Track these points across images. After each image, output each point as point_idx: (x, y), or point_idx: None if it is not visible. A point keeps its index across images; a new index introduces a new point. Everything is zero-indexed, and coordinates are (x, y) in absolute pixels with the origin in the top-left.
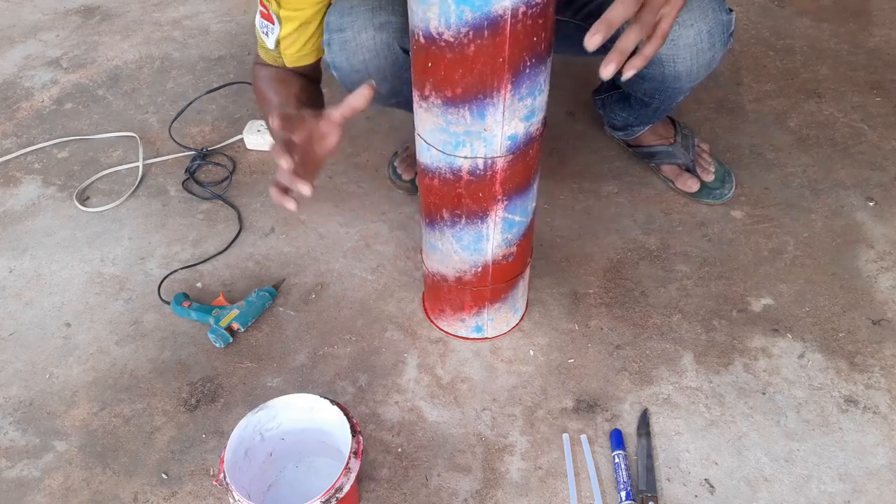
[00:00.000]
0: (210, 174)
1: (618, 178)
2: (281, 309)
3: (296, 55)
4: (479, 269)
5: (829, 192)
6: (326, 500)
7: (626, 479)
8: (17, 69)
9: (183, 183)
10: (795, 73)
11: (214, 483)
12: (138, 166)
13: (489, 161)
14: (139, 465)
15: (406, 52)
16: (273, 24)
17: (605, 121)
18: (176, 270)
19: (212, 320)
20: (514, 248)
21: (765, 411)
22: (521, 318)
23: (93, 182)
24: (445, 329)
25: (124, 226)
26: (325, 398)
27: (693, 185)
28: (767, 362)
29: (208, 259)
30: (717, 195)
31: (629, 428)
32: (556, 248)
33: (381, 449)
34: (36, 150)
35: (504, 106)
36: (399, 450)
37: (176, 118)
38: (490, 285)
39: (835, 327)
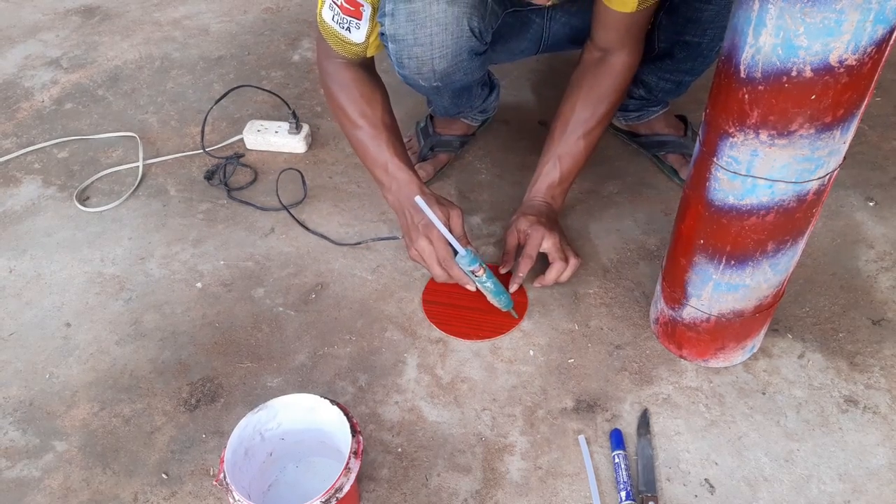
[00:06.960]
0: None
1: (618, 178)
2: (281, 309)
3: (376, 42)
4: (782, 287)
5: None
6: (326, 500)
7: (626, 479)
8: (17, 69)
9: (229, 194)
10: None
11: (214, 483)
12: (138, 166)
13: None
14: (139, 465)
15: (472, 31)
16: (360, 18)
17: None
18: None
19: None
20: None
21: (765, 411)
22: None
23: (93, 182)
24: (721, 365)
25: (124, 226)
26: (325, 398)
27: None
28: (767, 362)
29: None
30: None
31: (629, 428)
32: None
33: (381, 449)
34: (36, 150)
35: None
36: (399, 450)
37: (203, 133)
38: (783, 293)
39: (835, 327)
